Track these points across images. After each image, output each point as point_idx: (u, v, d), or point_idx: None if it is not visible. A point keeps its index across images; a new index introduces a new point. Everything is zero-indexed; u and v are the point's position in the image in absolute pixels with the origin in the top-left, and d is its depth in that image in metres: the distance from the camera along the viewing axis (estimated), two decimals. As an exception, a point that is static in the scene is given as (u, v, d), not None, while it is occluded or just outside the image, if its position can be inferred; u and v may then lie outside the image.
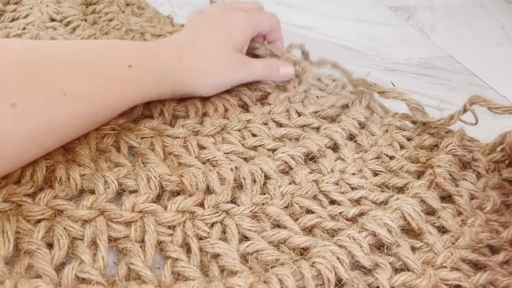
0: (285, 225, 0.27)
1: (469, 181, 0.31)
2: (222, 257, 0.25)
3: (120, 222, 0.26)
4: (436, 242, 0.26)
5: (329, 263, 0.24)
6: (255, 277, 0.23)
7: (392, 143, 0.34)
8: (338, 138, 0.33)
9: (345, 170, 0.31)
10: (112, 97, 0.29)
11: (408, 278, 0.24)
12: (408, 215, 0.27)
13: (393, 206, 0.28)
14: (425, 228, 0.27)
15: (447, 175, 0.30)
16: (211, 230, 0.26)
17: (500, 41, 0.59)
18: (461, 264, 0.26)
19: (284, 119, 0.35)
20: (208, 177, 0.29)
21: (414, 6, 0.65)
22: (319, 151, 0.32)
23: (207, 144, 0.32)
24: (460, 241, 0.27)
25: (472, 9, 0.67)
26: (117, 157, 0.30)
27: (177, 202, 0.27)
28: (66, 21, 0.45)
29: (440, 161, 0.31)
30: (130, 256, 0.24)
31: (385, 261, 0.25)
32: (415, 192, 0.29)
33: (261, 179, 0.30)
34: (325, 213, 0.28)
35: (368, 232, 0.26)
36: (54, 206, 0.26)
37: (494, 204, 0.30)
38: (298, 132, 0.34)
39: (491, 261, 0.26)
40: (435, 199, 0.29)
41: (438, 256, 0.25)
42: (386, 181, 0.31)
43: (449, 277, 0.25)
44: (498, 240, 0.27)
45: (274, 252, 0.25)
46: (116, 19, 0.46)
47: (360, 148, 0.34)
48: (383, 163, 0.33)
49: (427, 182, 0.30)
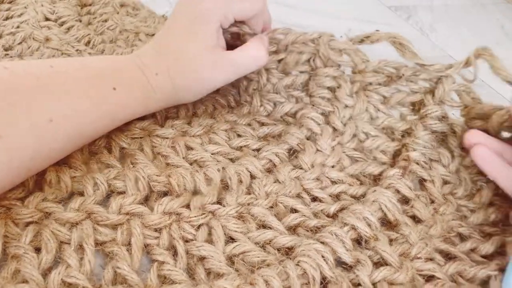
0: (271, 225, 0.27)
1: (442, 164, 0.31)
2: (208, 260, 0.25)
3: (106, 225, 0.26)
4: (411, 233, 0.27)
5: (314, 262, 0.24)
6: (242, 279, 0.24)
7: (368, 108, 0.34)
8: (314, 125, 0.33)
9: (325, 163, 0.32)
10: (99, 119, 0.29)
11: (387, 273, 0.25)
12: (385, 207, 0.28)
13: (370, 198, 0.28)
14: (401, 219, 0.28)
15: (422, 159, 0.31)
16: (197, 232, 0.26)
17: (500, 41, 0.59)
18: (435, 254, 0.26)
19: (264, 117, 0.35)
20: (194, 178, 0.29)
21: (414, 6, 0.64)
22: (299, 145, 0.33)
23: (194, 145, 0.32)
24: (432, 230, 0.27)
25: (472, 9, 0.66)
26: (108, 159, 0.31)
27: (163, 203, 0.27)
28: (60, 21, 0.45)
29: (415, 143, 0.31)
30: (117, 260, 0.24)
31: (366, 257, 0.25)
32: (388, 183, 0.29)
33: (247, 179, 0.30)
34: (308, 212, 0.28)
35: (349, 227, 0.27)
36: (42, 208, 0.26)
37: (465, 189, 0.30)
38: (280, 129, 0.34)
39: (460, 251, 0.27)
40: (408, 188, 0.30)
41: (413, 247, 0.26)
42: (363, 170, 0.32)
43: (423, 268, 0.25)
44: (466, 228, 0.28)
45: (260, 253, 0.25)
46: (110, 19, 0.46)
47: (336, 132, 0.34)
48: (360, 142, 0.33)
49: (401, 170, 0.30)
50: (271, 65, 0.36)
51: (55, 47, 0.41)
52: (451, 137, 0.33)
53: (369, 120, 0.34)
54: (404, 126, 0.34)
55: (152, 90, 0.31)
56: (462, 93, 0.33)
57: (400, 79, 0.34)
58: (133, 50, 0.43)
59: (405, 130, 0.34)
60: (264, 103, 0.36)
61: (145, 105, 0.31)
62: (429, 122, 0.33)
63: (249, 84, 0.36)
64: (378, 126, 0.34)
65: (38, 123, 0.25)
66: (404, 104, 0.35)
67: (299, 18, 0.56)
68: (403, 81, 0.34)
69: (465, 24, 0.62)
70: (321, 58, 0.35)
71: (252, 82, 0.36)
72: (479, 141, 0.29)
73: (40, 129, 0.25)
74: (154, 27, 0.47)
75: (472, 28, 0.61)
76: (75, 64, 0.30)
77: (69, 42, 0.42)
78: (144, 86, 0.31)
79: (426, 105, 0.33)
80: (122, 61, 0.31)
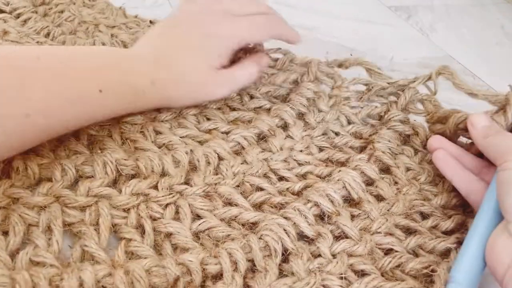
0: (236, 203, 0.28)
1: (406, 155, 0.33)
2: (174, 236, 0.26)
3: (75, 207, 0.27)
4: (373, 209, 0.28)
5: (276, 235, 0.25)
6: (206, 253, 0.25)
7: (339, 117, 0.36)
8: (287, 117, 0.35)
9: (293, 148, 0.33)
10: (78, 118, 0.28)
11: (346, 246, 0.26)
12: (348, 185, 0.29)
13: (335, 178, 0.30)
14: (364, 197, 0.29)
15: (386, 149, 0.33)
16: (164, 211, 0.27)
17: (500, 41, 0.59)
18: (395, 229, 0.28)
19: (237, 104, 0.36)
20: (163, 160, 0.30)
21: (414, 6, 0.65)
22: (270, 131, 0.34)
23: (163, 129, 0.33)
24: (394, 208, 0.29)
25: (472, 9, 0.67)
26: (76, 146, 0.31)
27: (131, 185, 0.28)
28: (16, 13, 0.44)
29: (380, 138, 0.33)
30: (84, 239, 0.25)
31: (327, 231, 0.27)
32: (355, 165, 0.31)
33: (215, 161, 0.31)
34: (274, 190, 0.29)
35: (312, 203, 0.28)
36: (10, 194, 0.27)
37: (428, 175, 0.32)
38: (251, 115, 0.35)
39: (421, 226, 0.28)
40: (373, 170, 0.31)
41: (374, 222, 0.27)
42: (330, 156, 0.33)
43: (382, 242, 0.27)
44: (428, 207, 0.29)
45: (225, 229, 0.26)
46: (67, 10, 0.46)
47: (308, 126, 0.35)
48: (329, 139, 0.35)
49: (367, 156, 0.32)
50: (263, 74, 0.38)
51: (14, 40, 0.40)
52: (414, 136, 0.35)
53: (339, 127, 0.36)
54: (370, 131, 0.35)
55: (144, 97, 0.30)
56: (425, 101, 0.35)
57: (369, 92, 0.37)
58: (95, 41, 0.42)
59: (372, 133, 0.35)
60: (243, 94, 0.37)
61: (130, 109, 0.31)
62: (392, 124, 0.35)
63: None
64: (348, 132, 0.35)
65: (15, 117, 0.24)
66: (373, 116, 0.37)
67: (300, 18, 0.56)
68: (373, 95, 0.37)
69: (465, 24, 0.63)
70: (309, 75, 0.37)
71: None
72: (440, 145, 0.31)
73: (16, 124, 0.25)
74: (113, 19, 0.46)
75: (472, 28, 0.62)
76: (63, 57, 0.28)
77: (28, 34, 0.42)
78: (135, 94, 0.30)
79: (390, 111, 0.36)
80: (114, 58, 0.30)
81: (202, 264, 0.24)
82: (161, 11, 0.51)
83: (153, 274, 0.23)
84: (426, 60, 0.52)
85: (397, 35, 0.57)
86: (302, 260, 0.25)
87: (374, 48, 0.53)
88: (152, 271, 0.23)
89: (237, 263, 0.24)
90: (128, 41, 0.42)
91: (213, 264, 0.24)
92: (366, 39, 0.55)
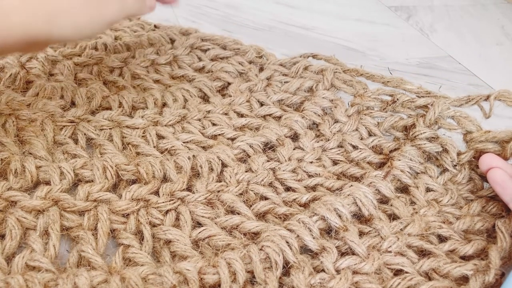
0: (239, 211, 0.28)
1: (428, 174, 0.31)
2: (174, 243, 0.25)
3: (73, 212, 0.26)
4: (384, 227, 0.27)
5: (277, 247, 0.24)
6: (205, 261, 0.24)
7: (359, 128, 0.34)
8: (297, 127, 0.34)
9: (302, 159, 0.32)
10: None
11: (352, 262, 0.25)
12: (359, 201, 0.28)
13: (346, 192, 0.28)
14: (375, 214, 0.28)
15: (406, 168, 0.31)
16: (164, 217, 0.27)
17: (500, 41, 0.59)
18: (407, 250, 0.26)
19: (246, 110, 0.36)
20: (165, 165, 0.29)
21: (414, 6, 0.65)
22: (278, 140, 0.33)
23: (166, 134, 0.32)
24: (409, 228, 0.27)
25: (472, 9, 0.67)
26: (75, 149, 0.31)
27: (131, 190, 0.27)
28: None
29: (401, 155, 0.31)
30: (81, 244, 0.24)
31: (332, 245, 0.25)
32: (370, 181, 0.29)
33: (218, 167, 0.30)
34: (279, 199, 0.29)
35: (319, 217, 0.27)
36: (7, 197, 0.26)
37: (451, 197, 0.30)
38: (259, 122, 0.34)
39: (437, 249, 0.26)
40: (388, 189, 0.29)
41: (384, 241, 0.26)
42: (345, 171, 0.31)
43: (392, 261, 0.25)
44: (447, 230, 0.27)
45: (226, 238, 0.26)
46: None
47: (322, 137, 0.34)
48: (345, 152, 0.33)
49: (383, 173, 0.30)
50: (276, 82, 0.38)
51: None
52: (444, 154, 0.32)
53: (358, 139, 0.34)
54: (393, 145, 0.33)
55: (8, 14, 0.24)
56: (459, 118, 0.33)
57: (394, 103, 0.35)
58: (97, 43, 0.41)
59: (394, 148, 0.33)
60: (252, 100, 0.36)
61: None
62: (418, 143, 0.32)
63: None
64: (367, 145, 0.33)
65: None
66: (398, 128, 0.35)
67: (300, 18, 0.56)
68: (398, 106, 0.35)
69: (465, 24, 0.62)
70: (324, 83, 0.36)
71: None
72: (496, 164, 0.29)
73: None
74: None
75: (472, 28, 0.61)
76: None
77: None
78: None
79: (416, 127, 0.33)
80: None
81: (200, 273, 0.23)
82: (165, 14, 0.51)
83: (149, 282, 0.22)
84: (426, 60, 0.52)
85: (397, 35, 0.57)
86: (304, 274, 0.24)
87: (374, 48, 0.53)
88: (148, 279, 0.23)
89: (236, 274, 0.23)
90: (132, 44, 0.41)
91: (211, 274, 0.23)
92: (366, 39, 0.55)
